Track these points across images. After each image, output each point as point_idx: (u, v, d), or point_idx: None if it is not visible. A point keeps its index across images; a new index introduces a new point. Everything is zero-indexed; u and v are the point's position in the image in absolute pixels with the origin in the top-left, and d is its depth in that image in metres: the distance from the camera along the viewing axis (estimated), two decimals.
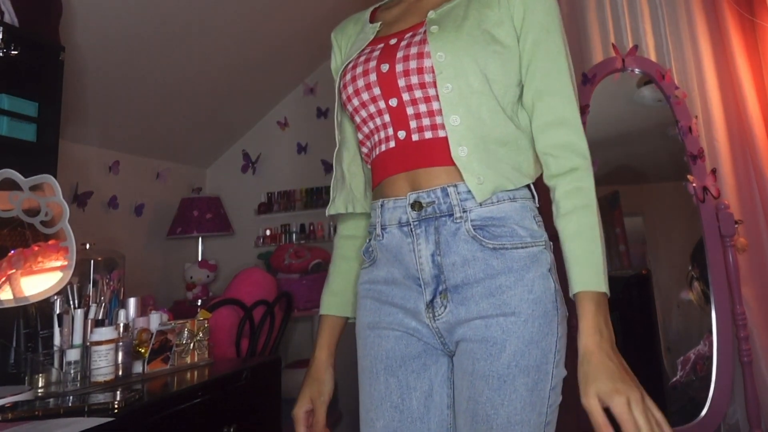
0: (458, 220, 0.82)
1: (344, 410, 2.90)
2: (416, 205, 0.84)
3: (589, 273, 0.77)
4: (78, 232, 1.35)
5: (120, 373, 1.30)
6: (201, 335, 1.51)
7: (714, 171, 2.15)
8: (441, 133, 0.84)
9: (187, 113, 2.73)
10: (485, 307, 0.81)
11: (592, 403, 0.68)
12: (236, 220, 3.17)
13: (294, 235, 3.08)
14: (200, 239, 3.01)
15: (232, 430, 1.32)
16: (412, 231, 0.84)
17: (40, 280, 1.29)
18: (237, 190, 3.25)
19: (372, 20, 1.00)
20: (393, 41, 0.89)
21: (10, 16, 1.43)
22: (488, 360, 0.79)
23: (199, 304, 2.69)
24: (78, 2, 1.77)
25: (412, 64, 0.84)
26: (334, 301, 1.02)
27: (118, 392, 1.14)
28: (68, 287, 1.33)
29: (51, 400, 1.13)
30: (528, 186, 0.88)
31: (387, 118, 0.88)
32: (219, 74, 2.62)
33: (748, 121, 2.18)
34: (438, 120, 0.84)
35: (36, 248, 1.31)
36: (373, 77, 0.87)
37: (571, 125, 0.84)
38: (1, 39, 1.35)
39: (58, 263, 1.32)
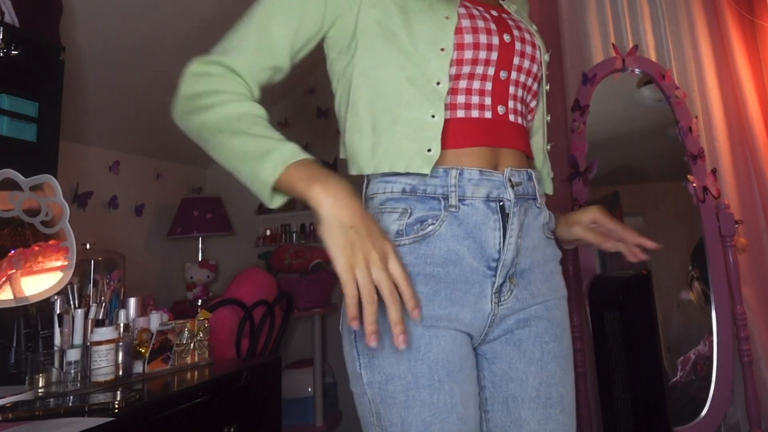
0: (540, 206, 0.86)
1: (344, 410, 2.90)
2: (511, 183, 0.80)
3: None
4: (78, 232, 1.35)
5: (120, 373, 1.30)
6: (201, 335, 1.51)
7: (714, 171, 2.15)
8: (527, 123, 0.90)
9: None
10: (544, 292, 0.85)
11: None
12: (236, 220, 3.17)
13: (294, 235, 3.08)
14: (200, 239, 3.01)
15: (232, 430, 1.32)
16: (503, 208, 0.78)
17: (40, 280, 1.29)
18: (237, 190, 3.22)
19: None
20: (494, 12, 0.84)
21: (10, 16, 1.43)
22: (556, 341, 0.84)
23: (199, 304, 2.69)
24: (78, 2, 1.77)
25: (528, 50, 0.84)
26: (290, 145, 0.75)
27: (119, 392, 1.14)
28: (68, 287, 1.33)
29: (51, 400, 1.13)
30: None
31: (489, 86, 0.81)
32: None
33: (748, 121, 2.18)
34: (530, 112, 0.91)
35: (36, 248, 1.31)
36: (495, 40, 0.80)
37: None
38: (1, 39, 1.35)
39: (59, 263, 1.32)
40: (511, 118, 0.84)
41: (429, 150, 0.76)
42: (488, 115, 0.81)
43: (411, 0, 0.79)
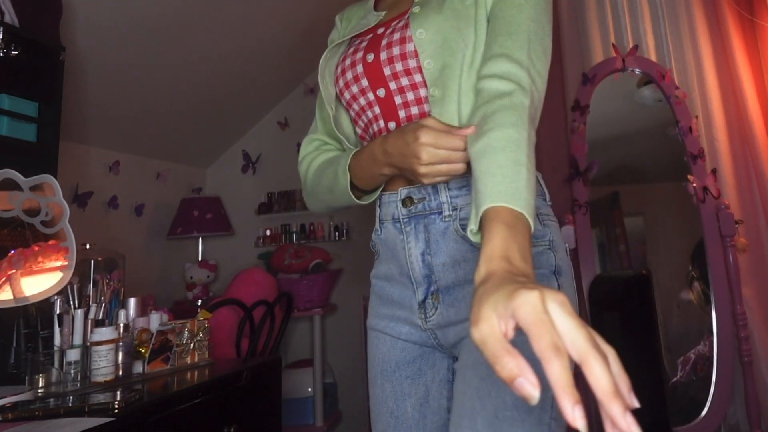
0: (447, 219, 0.78)
1: (344, 410, 2.90)
2: (407, 201, 0.81)
3: (503, 185, 0.58)
4: (78, 232, 1.35)
5: (120, 373, 1.30)
6: (201, 335, 1.51)
7: (714, 171, 2.15)
8: None
9: (187, 113, 2.73)
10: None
11: (482, 327, 0.41)
12: (236, 220, 3.17)
13: (294, 235, 3.08)
14: (200, 239, 3.01)
15: (232, 430, 1.32)
16: (402, 228, 0.81)
17: (40, 280, 1.29)
18: (237, 190, 3.25)
19: (376, 7, 0.95)
20: (381, 30, 0.86)
21: (11, 16, 1.43)
22: (475, 351, 0.71)
23: (199, 304, 2.69)
24: (78, 2, 1.77)
25: (395, 51, 0.81)
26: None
27: (119, 392, 1.14)
28: (68, 287, 1.33)
29: (51, 400, 1.13)
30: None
31: (377, 109, 0.85)
32: (219, 74, 2.62)
33: (748, 121, 2.18)
34: (426, 108, 0.81)
35: (36, 248, 1.31)
36: (359, 68, 0.84)
37: (515, 60, 0.71)
38: (1, 39, 1.35)
39: (59, 263, 1.32)
40: None
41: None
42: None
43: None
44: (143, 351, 1.39)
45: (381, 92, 0.83)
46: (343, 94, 0.88)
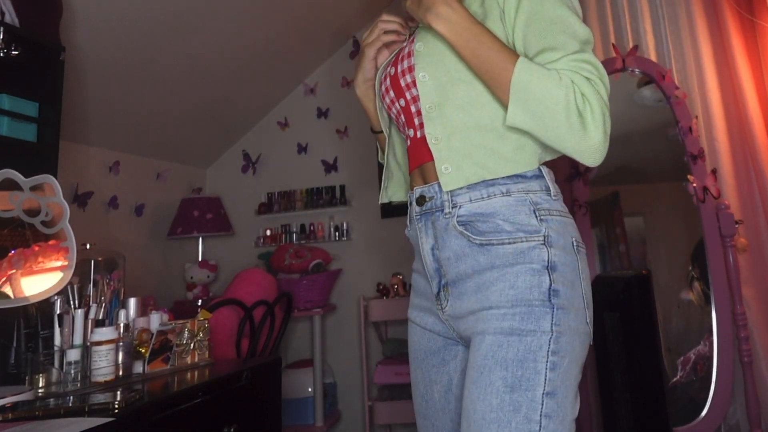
0: (447, 216, 0.84)
1: (344, 410, 2.90)
2: (421, 200, 0.89)
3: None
4: (78, 232, 1.35)
5: (120, 373, 1.30)
6: (201, 335, 1.51)
7: (714, 171, 2.15)
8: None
9: (187, 113, 2.73)
10: (473, 303, 0.81)
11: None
12: (236, 220, 3.17)
13: (294, 235, 3.08)
14: (200, 239, 3.01)
15: (232, 430, 1.32)
16: (416, 225, 0.90)
17: (40, 280, 1.29)
18: (237, 190, 3.25)
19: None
20: (408, 47, 0.95)
21: (11, 16, 1.43)
22: (473, 352, 0.78)
23: (199, 304, 2.69)
24: (78, 2, 1.77)
25: (405, 64, 0.90)
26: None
27: (119, 392, 1.14)
28: (69, 287, 1.33)
29: (51, 400, 1.13)
30: (537, 177, 0.83)
31: (403, 118, 0.94)
32: (219, 74, 2.62)
33: (748, 121, 2.18)
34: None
35: (36, 248, 1.30)
36: (388, 81, 0.95)
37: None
38: (1, 39, 1.35)
39: (59, 263, 1.32)
40: (419, 134, 0.90)
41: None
42: (409, 142, 0.94)
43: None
44: (143, 351, 1.39)
45: (401, 102, 0.93)
46: (384, 104, 1.01)
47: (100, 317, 1.34)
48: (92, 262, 1.44)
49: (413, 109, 0.90)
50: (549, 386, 0.72)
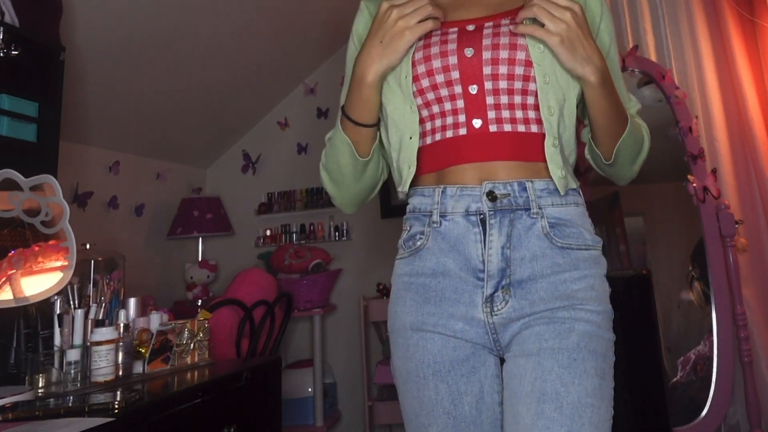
0: (534, 216, 0.83)
1: (344, 410, 2.90)
2: (490, 195, 0.83)
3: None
4: (78, 232, 1.35)
5: (120, 373, 1.30)
6: (201, 335, 1.51)
7: (714, 171, 2.15)
8: (533, 128, 0.84)
9: (187, 113, 2.73)
10: (550, 301, 0.81)
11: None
12: (236, 220, 3.17)
13: (294, 235, 3.08)
14: (200, 239, 3.01)
15: (232, 430, 1.32)
16: (483, 221, 0.83)
17: (40, 281, 1.29)
18: (237, 190, 3.25)
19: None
20: (470, 27, 0.87)
21: (11, 16, 1.43)
22: (557, 339, 0.79)
23: (199, 304, 2.69)
24: (78, 2, 1.77)
25: (503, 54, 0.83)
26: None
27: (119, 392, 1.14)
28: (68, 287, 1.33)
29: (51, 400, 1.13)
30: (579, 193, 0.91)
31: (461, 104, 0.85)
32: (219, 74, 2.62)
33: (748, 121, 2.18)
34: (531, 114, 0.84)
35: (36, 248, 1.31)
36: (453, 60, 0.84)
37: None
38: (1, 39, 1.35)
39: (59, 263, 1.32)
40: (493, 128, 0.84)
41: (409, 167, 0.87)
42: (463, 131, 0.85)
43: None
44: (143, 351, 1.39)
45: (473, 88, 0.85)
46: (420, 80, 0.86)
47: (100, 317, 1.34)
48: (92, 262, 1.45)
49: (491, 100, 0.84)
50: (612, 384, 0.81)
